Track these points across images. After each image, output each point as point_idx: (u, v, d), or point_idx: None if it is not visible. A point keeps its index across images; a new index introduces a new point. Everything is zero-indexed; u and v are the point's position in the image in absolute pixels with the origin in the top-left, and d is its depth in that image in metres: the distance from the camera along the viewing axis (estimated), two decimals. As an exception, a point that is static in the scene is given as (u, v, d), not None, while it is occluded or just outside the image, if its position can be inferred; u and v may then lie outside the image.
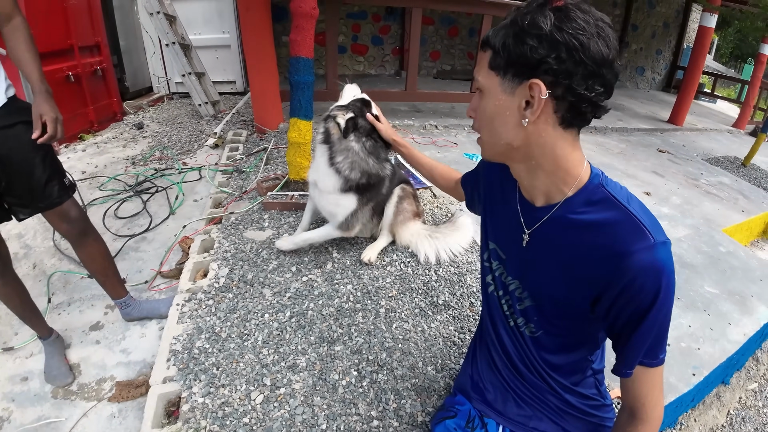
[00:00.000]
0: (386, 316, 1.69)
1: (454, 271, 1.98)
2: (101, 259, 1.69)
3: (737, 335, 2.00)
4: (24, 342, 1.74)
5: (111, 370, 1.64)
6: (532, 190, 0.84)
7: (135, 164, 3.13)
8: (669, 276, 0.72)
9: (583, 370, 0.98)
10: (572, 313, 0.86)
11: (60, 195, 1.48)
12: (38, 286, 2.00)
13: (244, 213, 2.31)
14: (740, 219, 3.37)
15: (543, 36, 0.67)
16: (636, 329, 0.75)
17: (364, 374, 1.45)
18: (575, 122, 0.74)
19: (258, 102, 3.39)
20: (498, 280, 1.00)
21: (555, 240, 0.83)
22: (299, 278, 1.85)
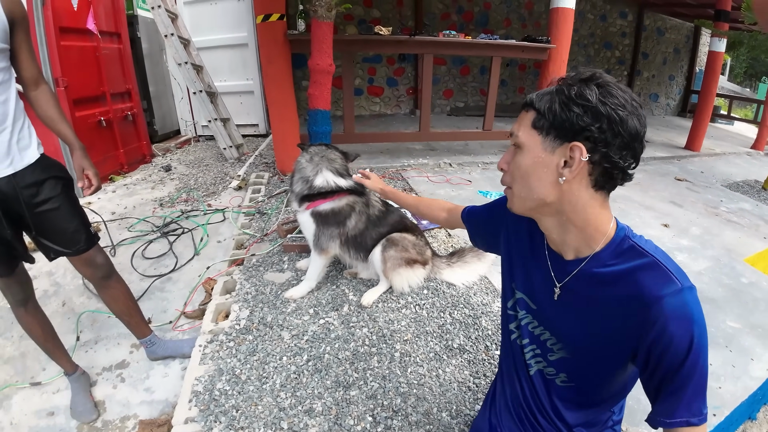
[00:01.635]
0: (401, 361, 1.72)
1: (469, 314, 2.01)
2: (124, 300, 1.79)
3: (760, 371, 1.93)
4: (51, 378, 1.81)
5: (134, 408, 1.70)
6: (561, 245, 0.88)
7: (162, 206, 3.28)
8: (699, 322, 0.74)
9: (604, 422, 0.99)
10: (607, 366, 0.87)
11: (87, 243, 1.59)
12: (67, 323, 2.10)
13: (264, 255, 2.40)
14: (763, 246, 3.26)
15: (589, 107, 0.74)
16: (673, 379, 0.75)
17: (379, 420, 1.47)
18: (606, 186, 0.80)
19: (279, 146, 3.55)
20: (524, 329, 1.01)
21: (585, 293, 0.85)
22: (317, 321, 1.91)
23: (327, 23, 2.15)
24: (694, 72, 9.46)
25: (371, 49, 4.56)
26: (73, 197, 1.57)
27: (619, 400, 0.97)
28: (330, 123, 2.28)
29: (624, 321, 0.79)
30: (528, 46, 4.13)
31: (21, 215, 1.43)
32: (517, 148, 0.84)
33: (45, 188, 1.45)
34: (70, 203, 1.54)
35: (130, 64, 4.21)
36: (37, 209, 1.45)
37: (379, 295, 2.08)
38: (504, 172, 0.89)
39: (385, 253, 2.02)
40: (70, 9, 3.34)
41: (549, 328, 0.95)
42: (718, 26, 5.52)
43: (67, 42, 3.31)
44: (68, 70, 3.30)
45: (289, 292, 2.06)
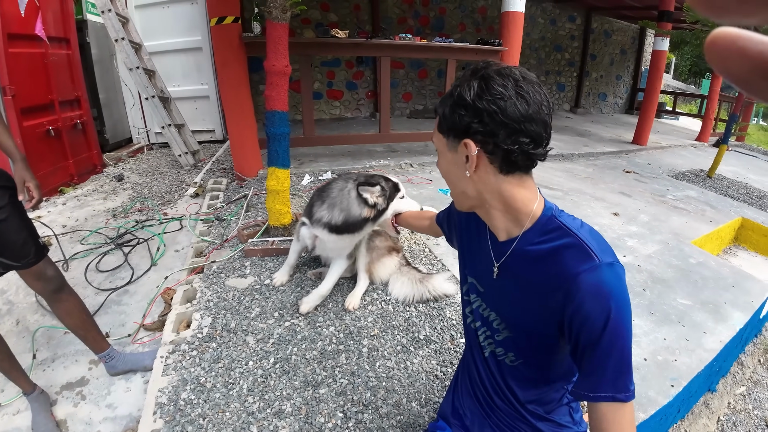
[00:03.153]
0: (369, 356, 1.73)
1: (434, 306, 2.04)
2: (78, 314, 1.71)
3: (713, 343, 2.04)
4: (10, 399, 1.72)
5: (97, 426, 1.63)
6: (494, 228, 0.92)
7: (116, 217, 3.16)
8: (618, 300, 0.75)
9: (558, 399, 1.01)
10: (545, 344, 0.89)
11: (36, 255, 1.53)
12: (22, 342, 2.00)
13: (225, 261, 2.35)
14: (709, 229, 3.48)
15: (467, 105, 0.79)
16: (592, 355, 0.76)
17: (350, 415, 1.47)
18: (513, 169, 0.82)
19: (237, 151, 3.49)
20: (476, 312, 1.04)
21: (518, 271, 0.89)
22: (282, 323, 1.89)
23: (282, 24, 2.14)
24: (640, 71, 9.99)
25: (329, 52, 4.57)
26: (21, 208, 1.50)
27: (570, 378, 0.99)
28: (288, 124, 2.26)
29: (550, 298, 0.82)
30: (481, 49, 4.25)
31: None
32: (438, 154, 0.93)
33: None
34: (18, 214, 1.47)
35: (80, 70, 4.05)
36: None
37: (363, 295, 2.07)
38: None
39: (371, 243, 2.03)
40: (17, 15, 3.17)
41: (494, 308, 0.99)
42: (661, 26, 5.84)
43: (15, 49, 3.16)
44: (16, 78, 3.15)
45: (303, 307, 1.96)
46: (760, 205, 4.45)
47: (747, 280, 2.68)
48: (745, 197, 4.63)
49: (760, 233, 3.83)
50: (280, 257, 2.36)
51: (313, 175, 3.70)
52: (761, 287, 2.62)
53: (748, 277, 2.74)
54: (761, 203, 4.51)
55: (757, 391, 2.31)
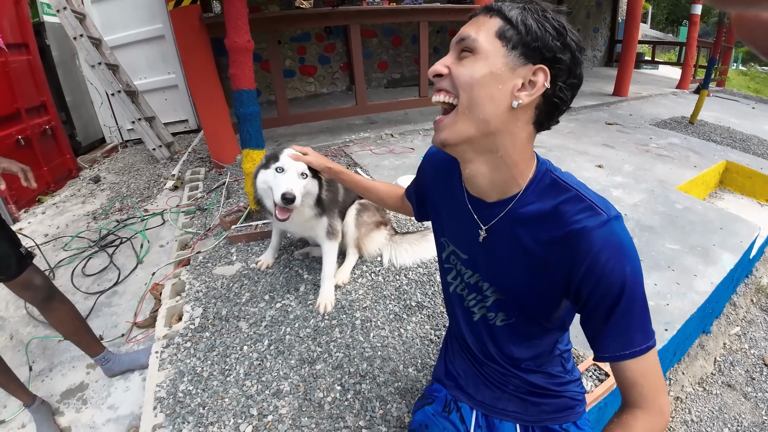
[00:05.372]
0: (362, 327, 1.73)
1: (424, 272, 2.04)
2: (71, 320, 1.69)
3: (704, 285, 2.05)
4: (13, 413, 1.71)
5: (101, 429, 1.63)
6: (482, 185, 0.81)
7: (96, 219, 3.10)
8: (632, 253, 0.72)
9: (549, 351, 0.99)
10: (541, 305, 0.85)
11: (19, 266, 1.48)
12: (18, 356, 1.98)
13: (211, 250, 2.32)
14: (694, 175, 3.49)
15: (562, 33, 0.69)
16: (615, 315, 0.73)
17: (348, 387, 1.48)
18: (543, 125, 0.76)
19: (212, 139, 3.41)
20: (461, 278, 0.99)
21: (511, 235, 0.82)
22: (273, 306, 1.88)
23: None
24: (617, 22, 9.81)
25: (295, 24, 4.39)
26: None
27: (561, 332, 0.96)
28: (257, 103, 2.19)
29: (553, 259, 0.77)
30: (453, 9, 4.13)
31: None
32: (470, 54, 0.71)
33: None
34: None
35: (42, 75, 3.90)
36: None
37: (352, 270, 2.06)
38: (441, 78, 0.75)
39: (359, 218, 2.00)
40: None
41: (481, 273, 0.93)
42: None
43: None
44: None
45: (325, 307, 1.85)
46: (744, 147, 4.46)
47: (735, 222, 2.69)
48: (728, 141, 4.62)
49: (745, 175, 3.85)
50: (265, 240, 2.33)
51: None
52: (749, 228, 2.63)
53: (736, 219, 2.75)
54: (744, 146, 4.51)
55: (752, 331, 2.35)
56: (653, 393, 0.74)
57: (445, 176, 0.95)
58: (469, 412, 1.06)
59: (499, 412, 1.03)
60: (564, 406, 1.01)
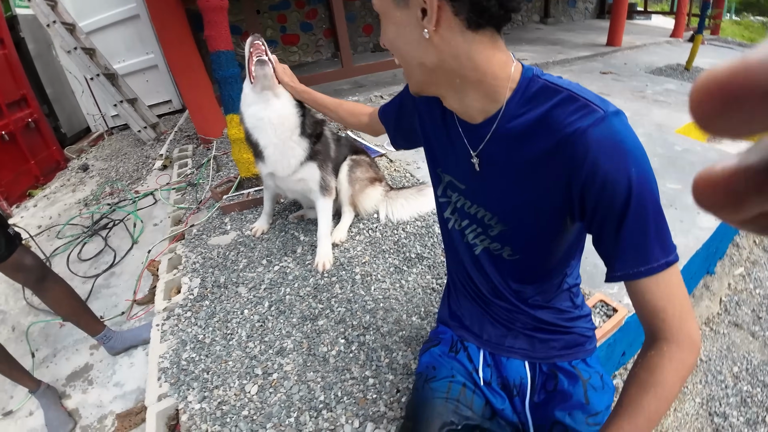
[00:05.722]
0: (363, 282, 1.70)
1: (422, 225, 2.00)
2: (67, 300, 1.66)
3: (708, 222, 2.02)
4: (21, 402, 1.70)
5: (109, 406, 1.62)
6: (467, 110, 0.76)
7: (87, 205, 3.05)
8: (637, 153, 0.64)
9: (557, 285, 0.93)
10: (547, 230, 0.79)
11: (8, 247, 1.44)
12: (22, 346, 1.96)
13: (204, 223, 2.28)
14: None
15: None
16: (625, 226, 0.65)
17: (351, 339, 1.46)
18: (484, 22, 0.65)
19: (196, 114, 3.32)
20: (460, 211, 0.92)
21: (503, 156, 0.76)
22: (271, 269, 1.84)
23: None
24: None
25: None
26: None
27: (569, 263, 0.90)
28: (237, 65, 2.11)
29: (550, 174, 0.70)
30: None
31: None
32: (382, 20, 0.74)
33: None
34: None
35: (20, 68, 3.80)
36: None
37: (349, 228, 2.01)
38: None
39: (352, 175, 1.95)
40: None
41: (481, 204, 0.87)
42: None
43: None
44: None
45: (324, 265, 1.80)
46: None
47: None
48: None
49: None
50: (258, 208, 2.28)
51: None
52: (751, 168, 2.57)
53: None
54: None
55: (756, 271, 2.32)
56: (679, 319, 0.66)
57: (437, 107, 0.88)
58: (476, 351, 1.02)
59: (506, 350, 0.99)
60: (573, 342, 0.96)
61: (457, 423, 0.89)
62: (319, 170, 1.77)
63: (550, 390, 0.92)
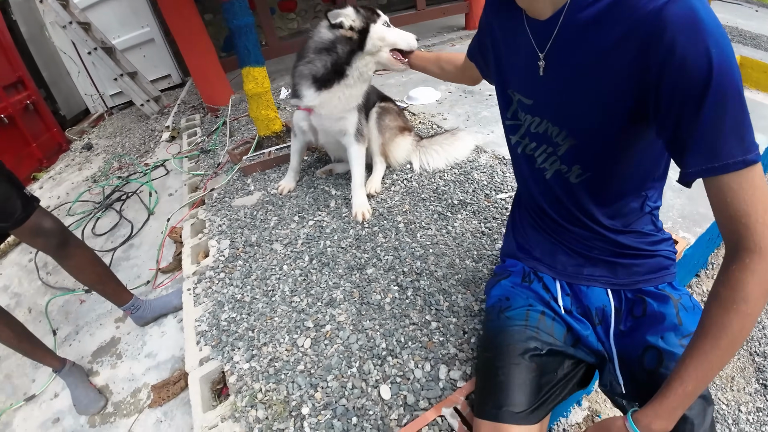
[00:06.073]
0: (407, 230, 1.60)
1: (460, 172, 1.89)
2: (91, 266, 1.52)
3: None
4: (43, 385, 1.59)
5: (142, 379, 1.52)
6: (535, 3, 0.73)
7: (96, 181, 2.93)
8: (714, 30, 0.57)
9: (638, 208, 0.87)
10: (618, 139, 0.74)
11: (25, 209, 1.29)
12: (41, 327, 1.86)
13: (225, 186, 2.16)
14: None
15: None
16: (701, 113, 0.59)
17: (405, 286, 1.36)
18: None
19: (201, 81, 3.16)
20: (528, 132, 0.88)
21: (573, 50, 0.72)
22: (305, 224, 1.74)
23: None
24: None
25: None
26: None
27: (646, 183, 0.84)
28: (251, 13, 1.95)
29: (624, 62, 0.65)
30: None
31: None
32: None
33: None
34: None
35: (14, 50, 3.66)
36: None
37: (382, 179, 1.91)
38: None
39: (381, 122, 1.83)
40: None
41: (549, 116, 0.82)
42: None
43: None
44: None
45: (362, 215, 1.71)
46: (755, 44, 4.25)
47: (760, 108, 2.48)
48: (738, 38, 4.40)
49: (760, 70, 3.65)
50: (282, 166, 2.16)
51: (289, 87, 3.40)
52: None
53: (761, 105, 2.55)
54: (755, 43, 4.30)
55: None
56: (763, 225, 0.59)
57: (506, 14, 0.84)
58: (551, 281, 0.97)
59: (585, 278, 0.93)
60: (657, 266, 0.90)
61: (541, 348, 0.86)
62: (357, 112, 1.65)
63: (638, 315, 0.87)
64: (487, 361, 0.89)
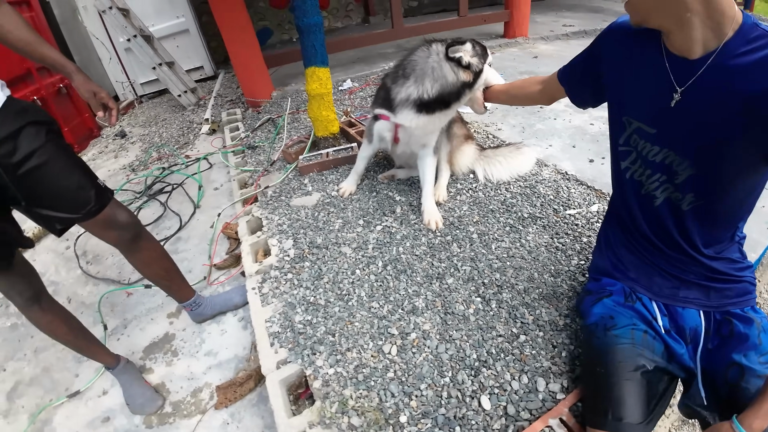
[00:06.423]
0: (481, 241, 1.60)
1: (525, 185, 1.89)
2: (161, 261, 1.48)
3: None
4: (89, 381, 1.52)
5: (203, 378, 1.45)
6: (688, 44, 0.79)
7: (135, 171, 2.90)
8: None
9: (730, 237, 0.98)
10: (742, 170, 0.83)
11: (98, 200, 1.22)
12: (83, 318, 1.73)
13: (280, 184, 2.14)
14: None
15: None
16: None
17: (488, 297, 1.36)
18: None
19: (244, 75, 3.15)
20: (644, 159, 0.96)
21: (717, 90, 0.78)
22: (372, 229, 1.73)
23: None
24: None
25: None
26: (65, 145, 1.18)
27: (744, 215, 0.95)
28: (320, 13, 1.94)
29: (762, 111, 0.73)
30: None
31: (1, 185, 1.05)
32: None
33: (23, 140, 1.05)
34: (62, 154, 1.15)
35: (48, 31, 3.59)
36: (20, 170, 1.05)
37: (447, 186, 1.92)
38: None
39: (449, 130, 1.83)
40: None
41: (672, 146, 0.90)
42: None
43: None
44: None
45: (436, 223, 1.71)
46: None
47: None
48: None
49: None
50: (339, 168, 2.16)
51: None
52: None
53: None
54: None
55: None
56: None
57: (635, 45, 0.91)
58: (648, 301, 1.05)
59: (680, 300, 1.02)
60: (744, 290, 1.00)
61: (648, 365, 0.94)
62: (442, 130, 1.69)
63: (725, 335, 0.97)
64: (600, 376, 0.95)
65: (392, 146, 1.77)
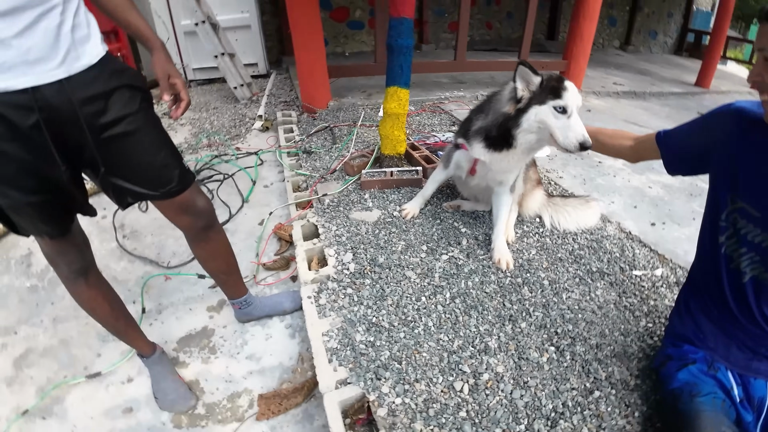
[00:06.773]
0: (552, 288, 1.57)
1: (591, 239, 1.87)
2: (226, 255, 1.42)
3: None
4: (113, 364, 1.42)
5: (242, 383, 1.37)
6: None
7: (183, 153, 2.89)
8: None
9: None
10: None
11: (180, 182, 1.15)
12: None
13: (339, 194, 2.13)
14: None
15: None
16: None
17: (563, 348, 1.33)
18: None
19: (306, 80, 3.17)
20: (743, 238, 1.00)
21: None
22: (437, 257, 1.70)
23: None
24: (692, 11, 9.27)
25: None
26: (156, 118, 1.10)
27: None
28: (413, 36, 1.96)
29: None
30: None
31: (81, 145, 0.96)
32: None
33: (115, 102, 0.97)
34: (153, 126, 1.07)
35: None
36: (105, 134, 0.97)
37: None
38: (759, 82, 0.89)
39: (526, 173, 1.82)
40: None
41: None
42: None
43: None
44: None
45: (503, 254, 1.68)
46: None
47: None
48: None
49: None
50: (401, 190, 2.14)
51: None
52: None
53: None
54: None
55: None
56: None
57: (756, 136, 0.97)
58: (725, 372, 1.08)
59: (753, 371, 1.06)
60: None
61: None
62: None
63: None
64: None
65: (466, 177, 1.75)
